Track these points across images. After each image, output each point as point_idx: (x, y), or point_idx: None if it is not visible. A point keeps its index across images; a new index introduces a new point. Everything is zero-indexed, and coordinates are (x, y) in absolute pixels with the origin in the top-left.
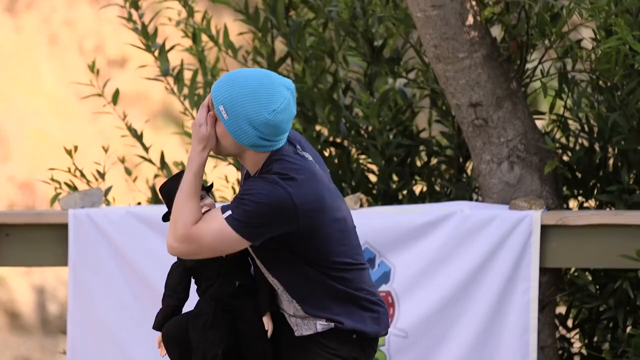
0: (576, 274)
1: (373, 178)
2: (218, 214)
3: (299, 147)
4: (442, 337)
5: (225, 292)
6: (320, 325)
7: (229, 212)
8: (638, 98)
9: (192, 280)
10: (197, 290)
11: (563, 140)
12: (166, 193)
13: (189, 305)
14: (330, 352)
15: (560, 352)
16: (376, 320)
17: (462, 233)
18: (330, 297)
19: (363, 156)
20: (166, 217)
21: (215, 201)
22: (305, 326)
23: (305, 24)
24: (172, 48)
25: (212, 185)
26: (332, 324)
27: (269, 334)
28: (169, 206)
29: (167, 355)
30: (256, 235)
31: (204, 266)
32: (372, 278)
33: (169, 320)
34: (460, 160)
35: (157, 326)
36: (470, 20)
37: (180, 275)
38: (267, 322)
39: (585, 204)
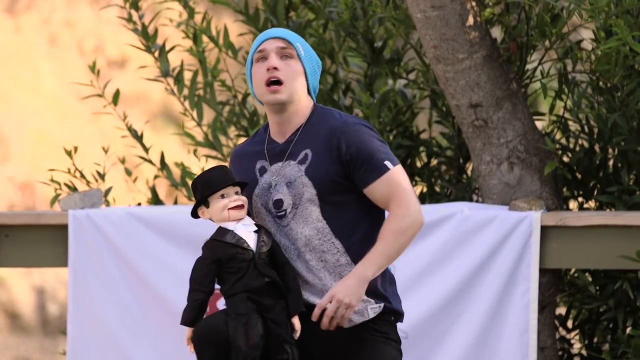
0: (576, 274)
1: None
2: (390, 174)
3: None
4: (442, 338)
5: (255, 285)
6: (372, 310)
7: (383, 157)
8: (638, 99)
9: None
10: (222, 287)
11: (563, 141)
12: (199, 184)
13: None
14: (384, 337)
15: (560, 352)
16: (400, 302)
17: (462, 234)
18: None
19: None
20: (195, 213)
21: None
22: (356, 314)
23: (306, 25)
24: (172, 49)
25: (247, 183)
26: (382, 304)
27: (297, 335)
28: (198, 198)
29: (194, 352)
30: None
31: (233, 259)
32: None
33: (196, 315)
34: (460, 161)
35: (187, 322)
36: (470, 21)
37: (208, 268)
38: (297, 324)
39: (585, 205)
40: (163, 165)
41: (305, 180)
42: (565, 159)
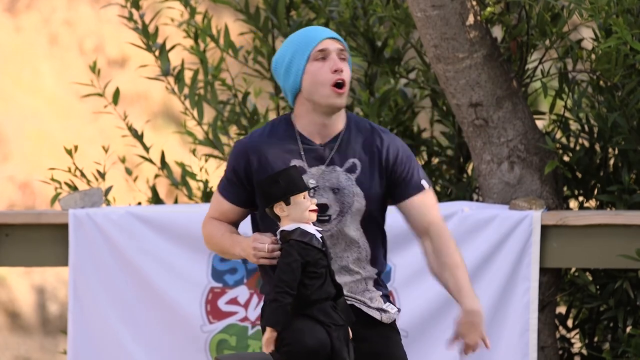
0: (576, 274)
1: None
2: (429, 194)
3: None
4: (442, 336)
5: (332, 293)
6: (394, 313)
7: (421, 175)
8: (638, 98)
9: None
10: (301, 291)
11: (563, 140)
12: (283, 181)
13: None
14: (400, 338)
15: (560, 352)
16: None
17: (463, 233)
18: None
19: None
20: (260, 211)
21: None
22: (386, 314)
23: (306, 24)
24: (172, 48)
25: (317, 186)
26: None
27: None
28: (280, 194)
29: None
30: None
31: (316, 264)
32: None
33: (286, 319)
34: (461, 160)
35: (278, 325)
36: (470, 20)
37: (297, 271)
38: (349, 332)
39: (586, 204)
40: (163, 164)
41: (357, 190)
42: (566, 158)
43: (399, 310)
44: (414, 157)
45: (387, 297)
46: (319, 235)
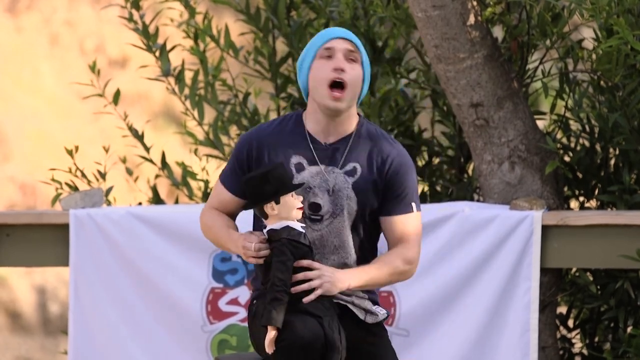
0: (577, 274)
1: None
2: (413, 216)
3: None
4: (443, 337)
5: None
6: (382, 315)
7: (413, 198)
8: (639, 98)
9: None
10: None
11: (564, 140)
12: (273, 180)
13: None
14: (387, 336)
15: (561, 352)
16: None
17: (463, 233)
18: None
19: None
20: (247, 207)
21: None
22: (371, 316)
23: (307, 24)
24: (173, 48)
25: (303, 184)
26: (386, 312)
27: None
28: (271, 194)
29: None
30: None
31: (305, 259)
32: None
33: (282, 316)
34: (462, 160)
35: (278, 322)
36: (471, 20)
37: (291, 269)
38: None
39: (587, 204)
40: (164, 164)
41: (351, 194)
42: (567, 158)
43: (387, 314)
44: (415, 177)
45: (375, 301)
46: (303, 232)
